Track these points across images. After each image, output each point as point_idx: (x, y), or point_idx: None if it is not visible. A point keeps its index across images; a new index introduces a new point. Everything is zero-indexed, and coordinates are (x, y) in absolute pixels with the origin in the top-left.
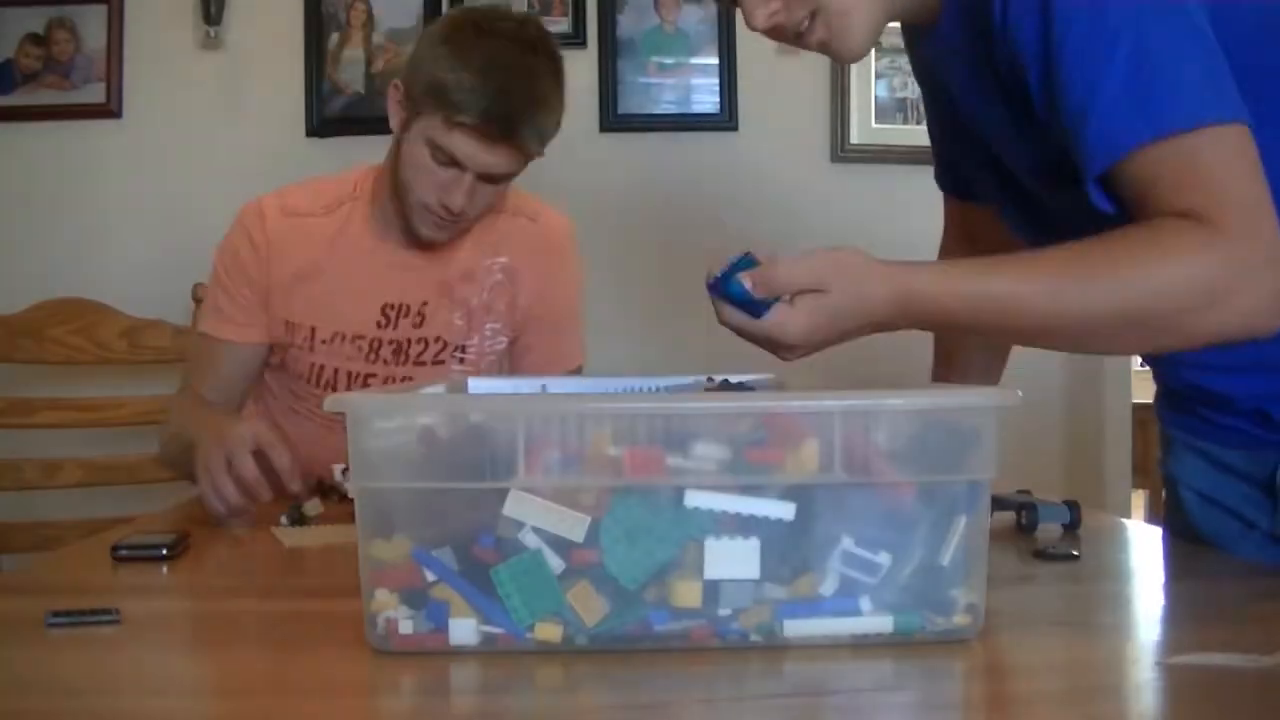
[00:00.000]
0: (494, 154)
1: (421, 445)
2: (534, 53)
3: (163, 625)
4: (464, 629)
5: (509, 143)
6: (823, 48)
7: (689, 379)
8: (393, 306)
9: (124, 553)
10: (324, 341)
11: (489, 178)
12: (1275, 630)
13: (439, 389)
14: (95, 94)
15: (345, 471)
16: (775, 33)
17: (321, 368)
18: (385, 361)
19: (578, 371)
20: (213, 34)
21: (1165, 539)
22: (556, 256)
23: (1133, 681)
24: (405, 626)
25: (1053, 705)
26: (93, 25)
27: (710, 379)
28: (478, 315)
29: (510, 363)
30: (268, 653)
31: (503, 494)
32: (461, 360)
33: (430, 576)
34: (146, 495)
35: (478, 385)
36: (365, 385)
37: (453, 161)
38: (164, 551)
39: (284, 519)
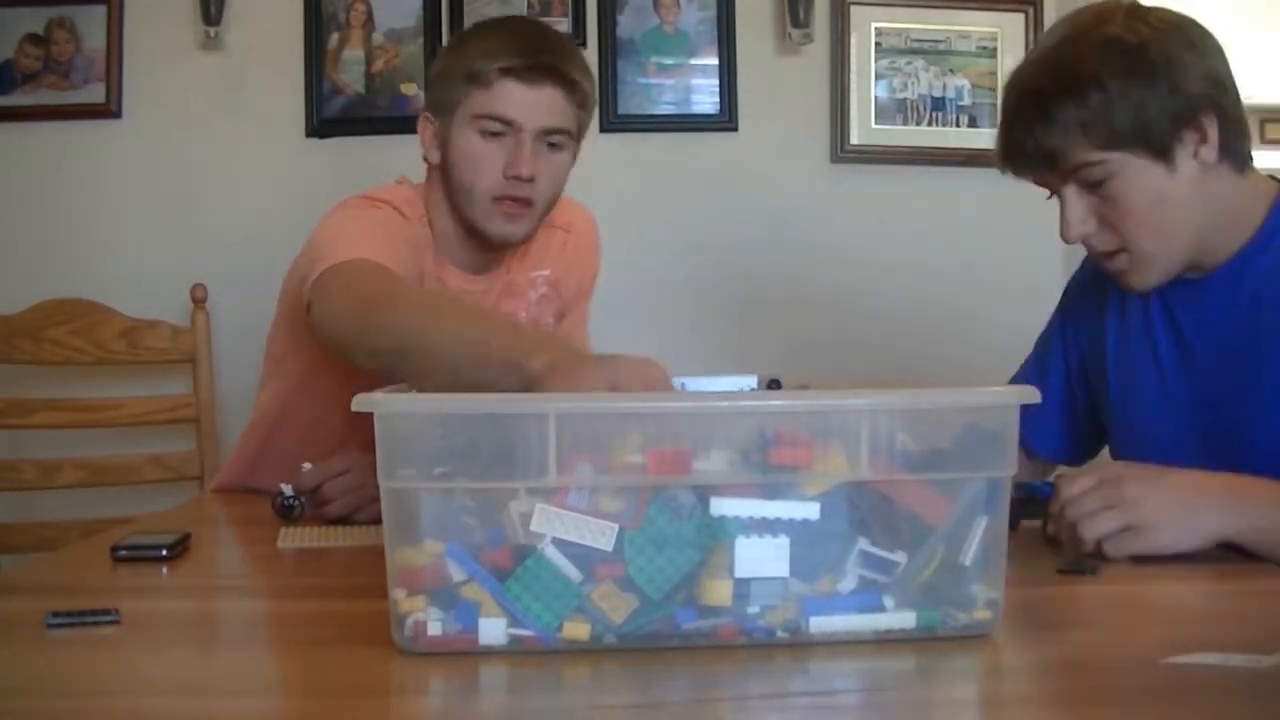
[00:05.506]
0: (542, 97)
1: (450, 445)
2: (549, 26)
3: (163, 626)
4: (494, 629)
5: (552, 80)
6: (1120, 275)
7: (731, 378)
8: None
9: (124, 553)
10: None
11: (546, 136)
12: (1275, 630)
13: None
14: (95, 94)
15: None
16: (1086, 246)
17: None
18: None
19: None
20: (212, 34)
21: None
22: (584, 255)
23: (1133, 681)
24: (434, 628)
25: (1056, 704)
26: (92, 25)
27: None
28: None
29: None
30: (280, 653)
31: (529, 492)
32: None
33: (458, 576)
34: (146, 496)
35: None
36: None
37: (505, 123)
38: (164, 552)
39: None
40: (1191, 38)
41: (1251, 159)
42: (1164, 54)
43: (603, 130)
